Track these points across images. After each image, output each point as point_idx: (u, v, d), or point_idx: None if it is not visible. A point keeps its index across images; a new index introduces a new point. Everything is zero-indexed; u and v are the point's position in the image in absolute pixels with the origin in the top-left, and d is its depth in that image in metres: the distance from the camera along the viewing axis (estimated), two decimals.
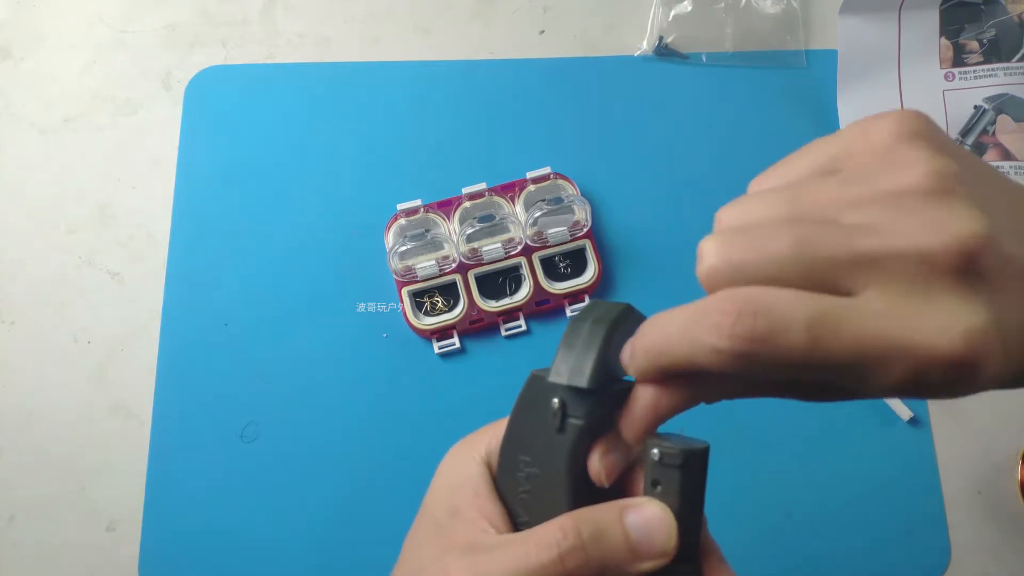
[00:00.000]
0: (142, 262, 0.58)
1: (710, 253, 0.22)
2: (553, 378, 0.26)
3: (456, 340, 0.55)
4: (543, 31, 0.63)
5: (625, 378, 0.27)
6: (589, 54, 0.63)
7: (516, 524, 0.28)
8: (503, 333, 0.56)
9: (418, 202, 0.56)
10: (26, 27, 0.63)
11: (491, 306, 0.55)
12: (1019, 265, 0.21)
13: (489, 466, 0.29)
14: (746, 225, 0.23)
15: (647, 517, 0.25)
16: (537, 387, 0.27)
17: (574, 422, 0.26)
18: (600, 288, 0.56)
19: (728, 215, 0.24)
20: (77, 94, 0.62)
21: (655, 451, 0.26)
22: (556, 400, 0.26)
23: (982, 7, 0.60)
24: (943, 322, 0.20)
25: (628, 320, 0.27)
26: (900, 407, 0.54)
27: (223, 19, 0.64)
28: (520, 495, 0.28)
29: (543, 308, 0.56)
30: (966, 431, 0.54)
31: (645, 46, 0.63)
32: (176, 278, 0.57)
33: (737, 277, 0.22)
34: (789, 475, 0.53)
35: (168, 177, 0.59)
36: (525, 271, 0.56)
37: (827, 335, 0.20)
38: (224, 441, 0.54)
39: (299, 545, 0.52)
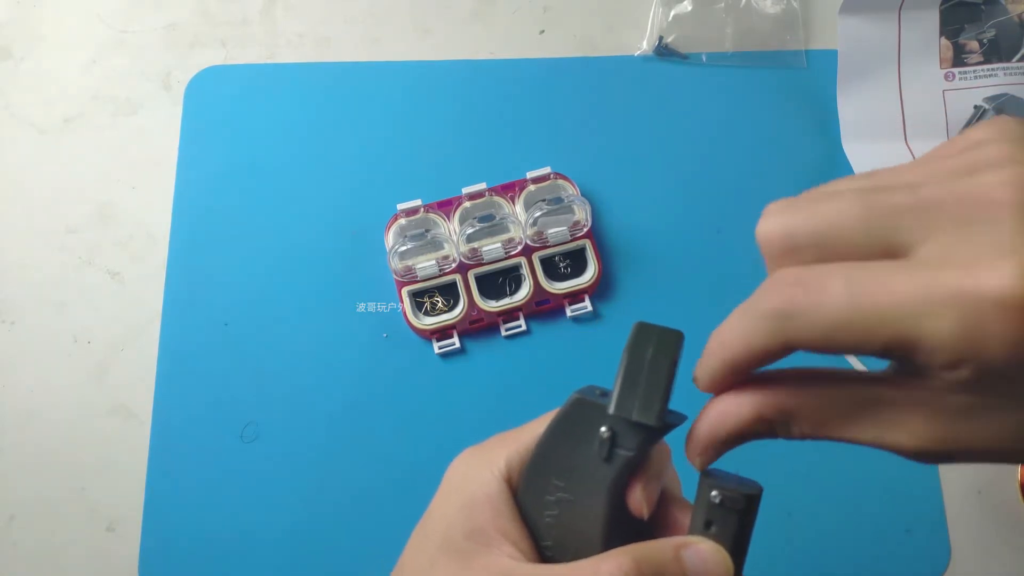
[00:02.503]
0: (142, 262, 0.58)
1: (770, 211, 0.22)
2: (617, 411, 0.25)
3: (456, 340, 0.55)
4: (543, 31, 0.63)
5: (674, 412, 0.26)
6: (589, 54, 0.63)
7: (539, 548, 0.27)
8: (503, 333, 0.56)
9: (418, 202, 0.56)
10: (26, 27, 0.63)
11: (491, 306, 0.55)
12: None
13: (509, 483, 0.28)
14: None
15: (704, 556, 0.25)
16: (583, 412, 0.26)
17: (624, 453, 0.26)
18: (600, 288, 0.56)
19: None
20: (77, 94, 0.62)
21: (715, 493, 0.25)
22: (605, 429, 0.26)
23: (982, 7, 0.60)
24: (995, 257, 0.18)
25: (682, 349, 0.26)
26: None
27: (223, 19, 0.64)
28: (546, 518, 0.27)
29: (543, 308, 0.56)
30: None
31: (645, 46, 0.63)
32: (176, 278, 0.57)
33: (793, 234, 0.21)
34: (789, 475, 0.53)
35: (168, 177, 0.59)
36: (525, 271, 0.56)
37: (865, 291, 0.19)
38: (224, 441, 0.54)
39: (299, 545, 0.52)
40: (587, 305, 0.56)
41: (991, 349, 0.18)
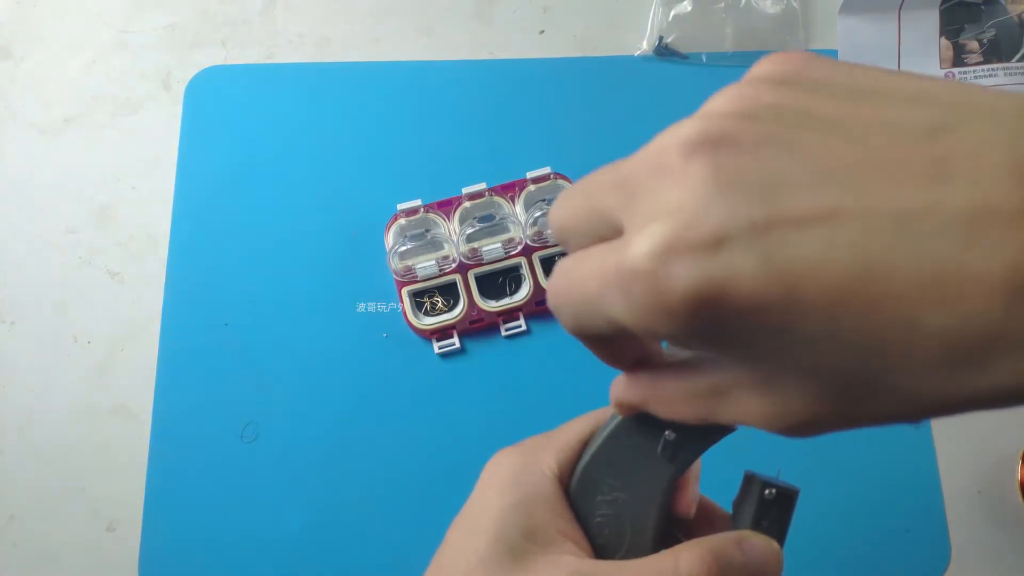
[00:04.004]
0: (142, 262, 0.58)
1: (555, 201, 0.23)
2: None
3: (456, 340, 0.55)
4: (543, 31, 0.63)
5: None
6: (589, 54, 0.63)
7: (592, 547, 0.28)
8: (503, 333, 0.56)
9: (418, 202, 0.56)
10: (26, 27, 0.63)
11: (491, 306, 0.55)
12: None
13: (560, 483, 0.28)
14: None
15: (761, 550, 0.27)
16: (648, 415, 0.27)
17: (688, 456, 0.27)
18: None
19: None
20: (77, 94, 0.62)
21: (770, 491, 0.28)
22: (671, 432, 0.27)
23: (982, 7, 0.60)
24: (640, 228, 0.17)
25: None
26: None
27: (223, 19, 0.64)
28: (597, 517, 0.28)
29: (543, 308, 0.56)
30: (966, 431, 0.54)
31: (645, 46, 0.63)
32: (176, 278, 0.57)
33: (557, 228, 0.22)
34: (789, 475, 0.53)
35: (168, 177, 0.59)
36: (525, 271, 0.56)
37: (570, 281, 0.20)
38: (224, 441, 0.54)
39: (299, 545, 0.52)
40: None
41: (651, 322, 0.17)
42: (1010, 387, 0.15)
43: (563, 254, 0.60)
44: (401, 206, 0.56)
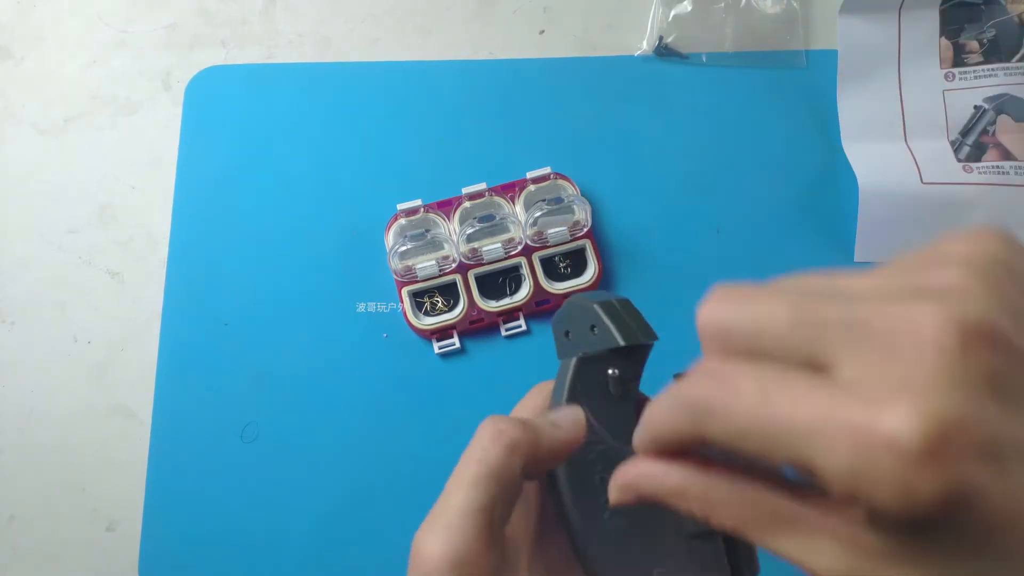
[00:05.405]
0: (142, 262, 0.58)
1: (712, 297, 0.22)
2: (627, 340, 0.28)
3: (456, 340, 0.55)
4: (543, 31, 0.63)
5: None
6: (589, 54, 0.63)
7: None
8: (503, 333, 0.56)
9: (418, 202, 0.56)
10: (26, 27, 0.63)
11: (491, 306, 0.55)
12: None
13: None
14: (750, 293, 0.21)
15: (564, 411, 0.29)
16: (587, 368, 0.29)
17: (634, 386, 0.29)
18: (600, 288, 0.56)
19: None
20: (77, 94, 0.62)
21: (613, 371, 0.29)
22: (612, 370, 0.29)
23: (982, 7, 0.60)
24: (899, 397, 0.16)
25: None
26: None
27: (223, 19, 0.64)
28: (596, 476, 0.29)
29: (543, 308, 0.56)
30: None
31: (645, 46, 0.63)
32: (176, 278, 0.57)
33: (727, 328, 0.21)
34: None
35: (168, 177, 0.59)
36: (525, 271, 0.56)
37: (772, 401, 0.18)
38: (224, 441, 0.54)
39: (299, 545, 0.52)
40: None
41: (880, 493, 0.16)
42: None
43: (563, 254, 0.60)
44: (401, 206, 0.56)
